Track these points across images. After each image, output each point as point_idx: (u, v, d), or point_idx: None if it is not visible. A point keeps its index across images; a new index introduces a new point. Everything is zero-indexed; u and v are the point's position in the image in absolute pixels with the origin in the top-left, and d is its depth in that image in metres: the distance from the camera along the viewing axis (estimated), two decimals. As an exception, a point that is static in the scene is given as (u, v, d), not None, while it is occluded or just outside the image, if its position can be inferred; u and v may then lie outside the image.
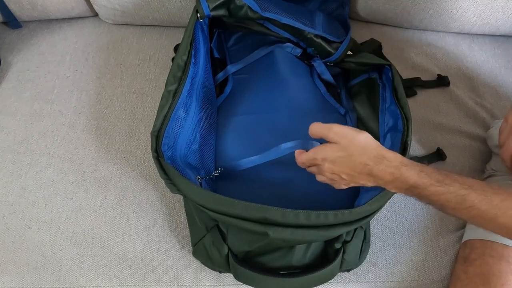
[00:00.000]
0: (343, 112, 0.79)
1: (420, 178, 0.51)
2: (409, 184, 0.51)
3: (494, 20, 0.86)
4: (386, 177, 0.52)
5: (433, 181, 0.50)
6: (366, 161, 0.53)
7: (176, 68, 0.69)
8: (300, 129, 0.76)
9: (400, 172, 0.51)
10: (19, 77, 0.88)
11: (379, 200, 0.57)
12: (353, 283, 0.67)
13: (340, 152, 0.54)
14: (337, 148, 0.55)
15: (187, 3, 0.88)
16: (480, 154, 0.78)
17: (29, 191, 0.74)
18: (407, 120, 0.65)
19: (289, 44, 0.85)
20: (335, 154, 0.54)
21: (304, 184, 0.71)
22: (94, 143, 0.79)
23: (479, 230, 0.65)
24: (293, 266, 0.61)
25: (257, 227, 0.55)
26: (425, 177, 0.51)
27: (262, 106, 0.79)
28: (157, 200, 0.73)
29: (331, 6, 0.89)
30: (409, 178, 0.51)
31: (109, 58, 0.90)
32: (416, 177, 0.51)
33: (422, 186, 0.51)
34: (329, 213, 0.55)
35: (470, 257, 0.63)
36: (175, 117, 0.67)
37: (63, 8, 0.92)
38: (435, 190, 0.50)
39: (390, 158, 0.53)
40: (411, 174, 0.51)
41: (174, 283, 0.67)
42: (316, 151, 0.56)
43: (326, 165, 0.55)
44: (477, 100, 0.84)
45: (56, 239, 0.70)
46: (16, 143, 0.79)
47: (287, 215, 0.54)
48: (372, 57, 0.75)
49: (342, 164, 0.54)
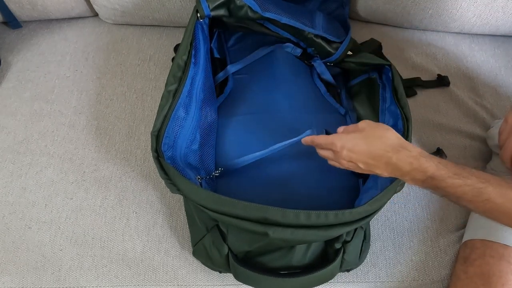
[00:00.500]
0: (343, 112, 0.80)
1: (439, 170, 0.51)
2: (427, 175, 0.52)
3: (494, 20, 0.86)
4: (404, 167, 0.53)
5: (451, 173, 0.51)
6: (386, 149, 0.53)
7: (176, 68, 0.69)
8: (300, 129, 0.76)
9: (419, 163, 0.52)
10: (19, 77, 0.88)
11: (379, 200, 0.57)
12: (353, 283, 0.67)
13: (361, 140, 0.55)
14: (358, 136, 0.56)
15: (187, 3, 0.88)
16: (480, 154, 0.78)
17: (29, 191, 0.74)
18: (407, 120, 0.65)
19: (289, 44, 0.85)
20: (355, 141, 0.55)
21: (304, 184, 0.71)
22: (94, 143, 0.79)
23: (480, 230, 0.65)
24: (293, 266, 0.61)
25: (257, 227, 0.55)
26: (443, 168, 0.51)
27: (262, 106, 0.79)
28: (157, 200, 0.73)
29: (331, 6, 0.89)
30: (428, 169, 0.51)
31: (109, 58, 0.90)
32: (434, 168, 0.51)
33: (440, 178, 0.51)
34: (329, 213, 0.55)
35: (471, 257, 0.63)
36: (175, 117, 0.67)
37: (63, 8, 0.92)
38: (452, 182, 0.51)
39: (410, 148, 0.54)
40: (430, 165, 0.51)
41: (174, 283, 0.67)
42: (336, 137, 0.57)
43: (345, 153, 0.56)
44: (477, 100, 0.84)
45: (56, 239, 0.70)
46: (16, 143, 0.79)
47: (287, 215, 0.54)
48: (372, 57, 0.75)
49: (360, 153, 0.55)
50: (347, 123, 0.78)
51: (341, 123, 0.78)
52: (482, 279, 0.60)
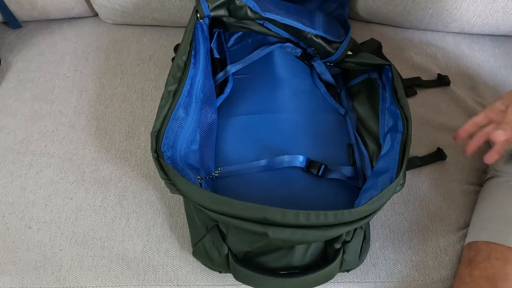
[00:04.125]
0: (343, 112, 0.79)
1: None
2: None
3: (494, 20, 0.86)
4: None
5: None
6: None
7: (176, 68, 0.69)
8: (300, 129, 0.76)
9: None
10: (19, 77, 0.88)
11: (379, 200, 0.57)
12: (353, 283, 0.67)
13: None
14: None
15: (187, 3, 0.88)
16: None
17: (29, 191, 0.74)
18: (407, 120, 0.65)
19: (289, 44, 0.85)
20: None
21: (304, 184, 0.71)
22: (94, 143, 0.79)
23: (484, 232, 0.64)
24: (293, 266, 0.61)
25: (256, 227, 0.55)
26: None
27: (262, 106, 0.79)
28: (157, 200, 0.73)
29: (331, 6, 0.89)
30: None
31: (109, 58, 0.90)
32: None
33: None
34: (329, 213, 0.55)
35: (475, 260, 0.62)
36: (175, 117, 0.67)
37: (63, 8, 0.92)
38: None
39: None
40: None
41: (174, 283, 0.67)
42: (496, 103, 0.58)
43: None
44: (477, 100, 0.83)
45: (56, 239, 0.70)
46: (16, 143, 0.79)
47: (287, 215, 0.54)
48: (372, 57, 0.75)
49: None
50: (347, 123, 0.78)
51: (341, 123, 0.78)
52: (487, 282, 0.59)
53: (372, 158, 0.71)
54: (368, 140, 0.74)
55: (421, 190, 0.74)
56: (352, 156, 0.74)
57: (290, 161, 0.71)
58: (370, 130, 0.74)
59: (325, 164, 0.71)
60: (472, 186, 0.74)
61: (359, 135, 0.76)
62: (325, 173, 0.71)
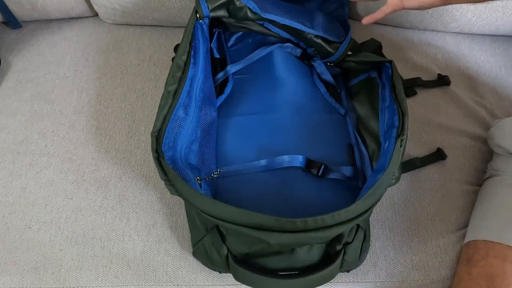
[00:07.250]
0: (343, 112, 0.79)
1: None
2: None
3: (494, 20, 0.86)
4: None
5: None
6: None
7: (176, 68, 0.69)
8: (300, 129, 0.76)
9: None
10: (19, 77, 0.88)
11: (373, 195, 0.57)
12: (353, 283, 0.67)
13: None
14: None
15: (187, 3, 0.88)
16: (480, 154, 0.78)
17: (29, 191, 0.74)
18: (403, 115, 0.64)
19: (289, 44, 0.85)
20: None
21: (304, 184, 0.71)
22: (94, 143, 0.79)
23: (482, 230, 0.64)
24: (293, 267, 0.61)
25: (254, 232, 0.55)
26: None
27: (262, 106, 0.79)
28: (157, 200, 0.73)
29: (331, 6, 0.88)
30: None
31: (109, 58, 0.90)
32: None
33: None
34: (326, 217, 0.54)
35: (474, 258, 0.63)
36: (175, 117, 0.67)
37: (63, 8, 0.92)
38: None
39: None
40: None
41: (174, 283, 0.67)
42: None
43: None
44: (477, 100, 0.84)
45: (56, 239, 0.70)
46: (16, 143, 0.79)
47: (284, 224, 0.54)
48: (372, 56, 0.75)
49: None
50: (347, 124, 0.78)
51: (341, 123, 0.78)
52: (486, 280, 0.60)
53: (372, 158, 0.71)
54: (368, 140, 0.74)
55: (421, 190, 0.74)
56: (352, 156, 0.74)
57: (290, 161, 0.71)
58: (370, 130, 0.74)
59: (325, 164, 0.71)
60: (471, 186, 0.74)
61: (359, 135, 0.76)
62: (325, 173, 0.71)
